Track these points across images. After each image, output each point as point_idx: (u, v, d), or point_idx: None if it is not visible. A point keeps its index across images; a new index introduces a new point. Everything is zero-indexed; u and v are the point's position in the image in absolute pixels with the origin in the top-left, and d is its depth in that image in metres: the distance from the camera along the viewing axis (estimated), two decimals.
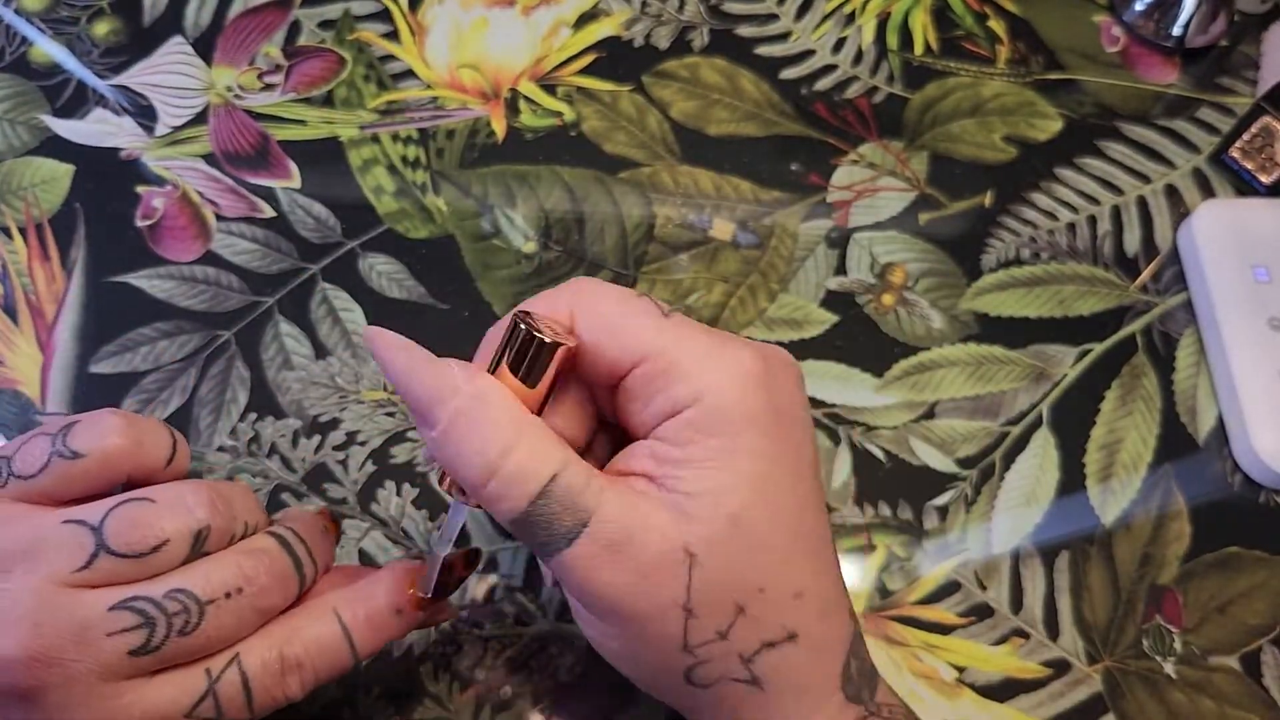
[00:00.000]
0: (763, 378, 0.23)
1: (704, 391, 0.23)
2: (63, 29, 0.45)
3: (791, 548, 0.23)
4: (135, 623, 0.23)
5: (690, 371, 0.23)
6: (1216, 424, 0.39)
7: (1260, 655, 0.35)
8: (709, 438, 0.23)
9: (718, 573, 0.22)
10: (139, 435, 0.26)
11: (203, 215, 0.41)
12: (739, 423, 0.23)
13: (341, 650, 0.25)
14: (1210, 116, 0.46)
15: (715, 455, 0.23)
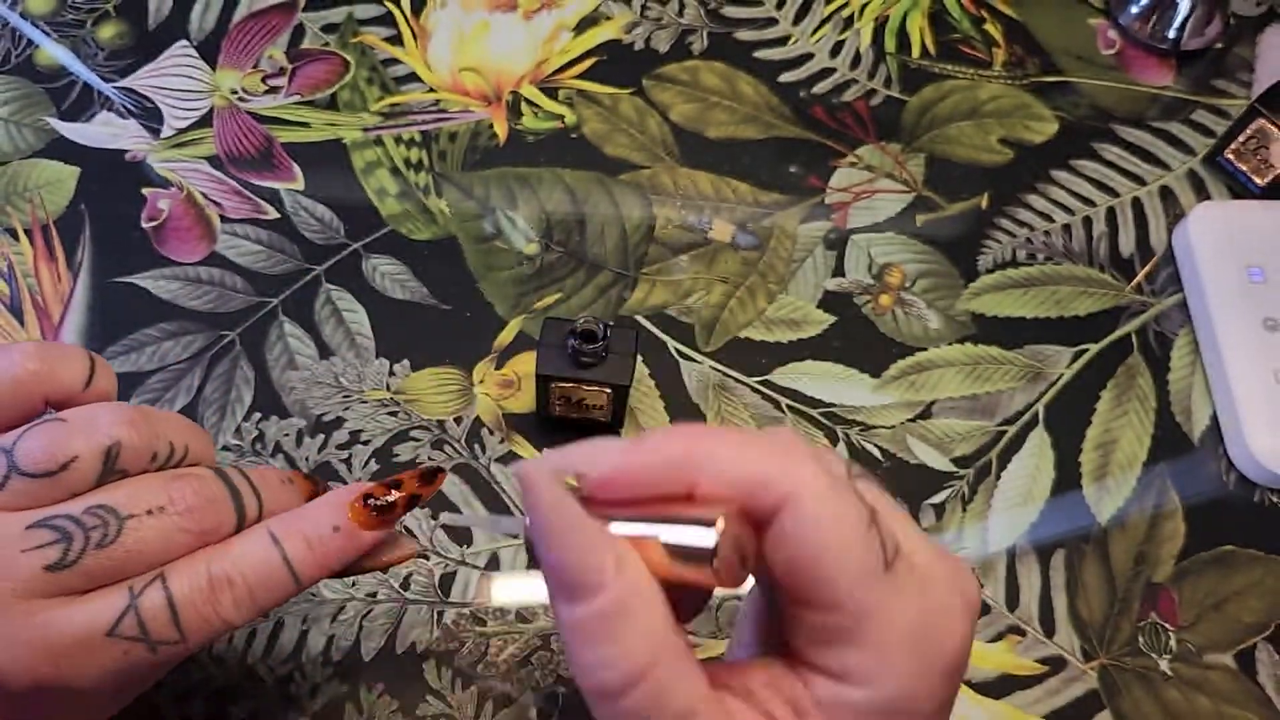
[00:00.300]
0: (953, 675, 0.20)
1: (887, 680, 0.19)
2: (68, 32, 0.46)
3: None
4: (51, 539, 0.22)
5: (880, 652, 0.19)
6: (1211, 423, 0.39)
7: (1255, 653, 0.35)
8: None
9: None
10: (51, 359, 0.25)
11: (207, 217, 0.42)
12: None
13: (276, 568, 0.24)
14: (1205, 119, 0.46)
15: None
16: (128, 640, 0.23)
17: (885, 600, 0.20)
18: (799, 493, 0.20)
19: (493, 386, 0.39)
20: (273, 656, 0.33)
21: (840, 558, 0.19)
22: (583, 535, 0.19)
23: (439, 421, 0.38)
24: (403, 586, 0.35)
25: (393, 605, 0.35)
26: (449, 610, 0.35)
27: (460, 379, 0.39)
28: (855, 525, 0.20)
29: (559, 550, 0.19)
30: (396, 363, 0.39)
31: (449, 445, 0.37)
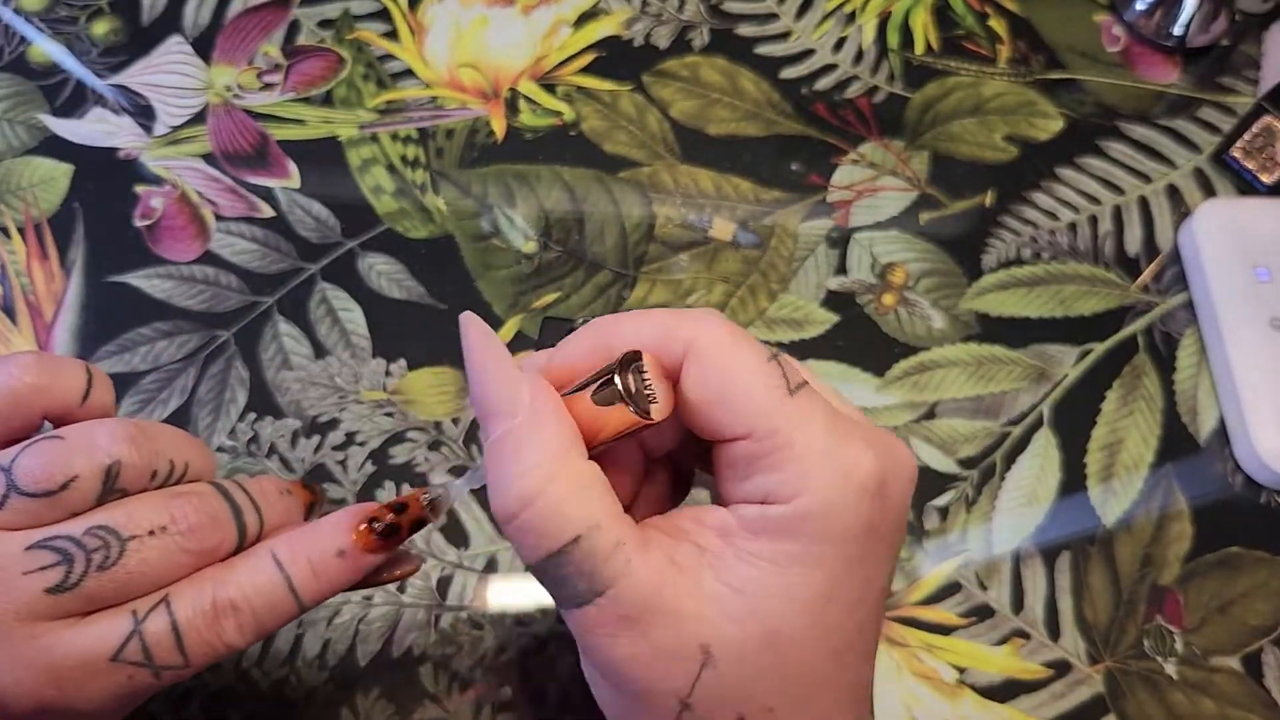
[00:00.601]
0: (874, 491, 0.21)
1: (804, 493, 0.21)
2: (61, 28, 0.45)
3: (826, 677, 0.21)
4: (52, 560, 0.22)
5: (797, 467, 0.21)
6: (1218, 424, 0.39)
7: (1261, 656, 0.35)
8: (786, 540, 0.21)
9: (730, 681, 0.21)
10: (50, 373, 0.25)
11: (202, 215, 0.41)
12: (826, 539, 0.21)
13: (280, 593, 0.24)
14: (1211, 116, 0.46)
15: (783, 562, 0.21)
16: (132, 665, 0.23)
17: (791, 421, 0.21)
18: (698, 338, 0.22)
19: None
20: (268, 661, 0.33)
21: (743, 387, 0.21)
22: (503, 369, 0.22)
23: (436, 423, 0.37)
24: (399, 590, 0.34)
25: (389, 609, 0.34)
26: (446, 614, 0.34)
27: (458, 379, 0.38)
28: (753, 358, 0.22)
29: (483, 382, 0.22)
30: (393, 363, 0.38)
31: (446, 446, 0.37)
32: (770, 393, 0.21)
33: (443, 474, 0.28)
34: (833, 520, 0.21)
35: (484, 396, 0.22)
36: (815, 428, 0.21)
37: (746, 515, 0.21)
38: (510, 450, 0.21)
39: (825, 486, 0.21)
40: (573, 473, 0.21)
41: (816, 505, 0.21)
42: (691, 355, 0.22)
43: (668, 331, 0.22)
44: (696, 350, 0.22)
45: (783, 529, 0.21)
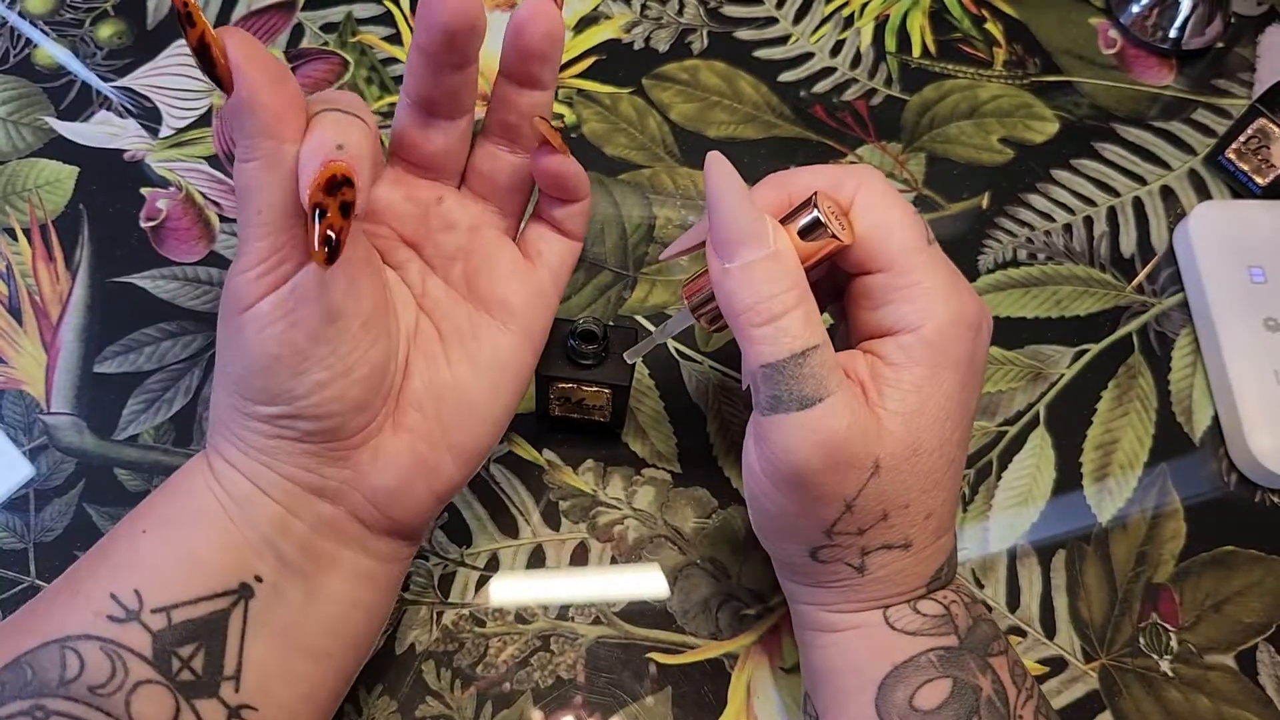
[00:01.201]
0: (977, 329, 0.26)
1: (926, 322, 0.25)
2: (67, 31, 0.46)
3: (940, 479, 0.26)
4: None
5: (925, 300, 0.26)
6: (1212, 424, 0.39)
7: (1256, 653, 0.35)
8: (917, 365, 0.25)
9: (886, 486, 0.25)
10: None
11: (206, 216, 0.42)
12: (944, 361, 0.26)
13: None
14: (1206, 118, 0.46)
15: (918, 383, 0.25)
16: None
17: (926, 264, 0.26)
18: (868, 182, 0.27)
19: None
20: None
21: (897, 225, 0.26)
22: (750, 204, 0.25)
23: None
24: (402, 587, 0.35)
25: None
26: (448, 611, 0.34)
27: None
28: (908, 209, 0.27)
29: (732, 212, 0.25)
30: None
31: None
32: (916, 238, 0.26)
33: None
34: (949, 348, 0.26)
35: (735, 226, 0.25)
36: (942, 273, 0.26)
37: (883, 350, 0.26)
38: (773, 268, 0.25)
39: (944, 319, 0.26)
40: (811, 298, 0.25)
41: (937, 334, 0.26)
42: (861, 196, 0.27)
43: (841, 179, 0.27)
44: (866, 192, 0.27)
45: (913, 355, 0.26)
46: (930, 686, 0.26)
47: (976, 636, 0.27)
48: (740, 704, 0.34)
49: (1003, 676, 0.27)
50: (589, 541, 0.36)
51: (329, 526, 0.27)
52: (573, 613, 0.35)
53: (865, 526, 0.26)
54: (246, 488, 0.27)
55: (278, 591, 0.26)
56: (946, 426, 0.26)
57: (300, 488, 0.27)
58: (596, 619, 0.35)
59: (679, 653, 0.34)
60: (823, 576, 0.28)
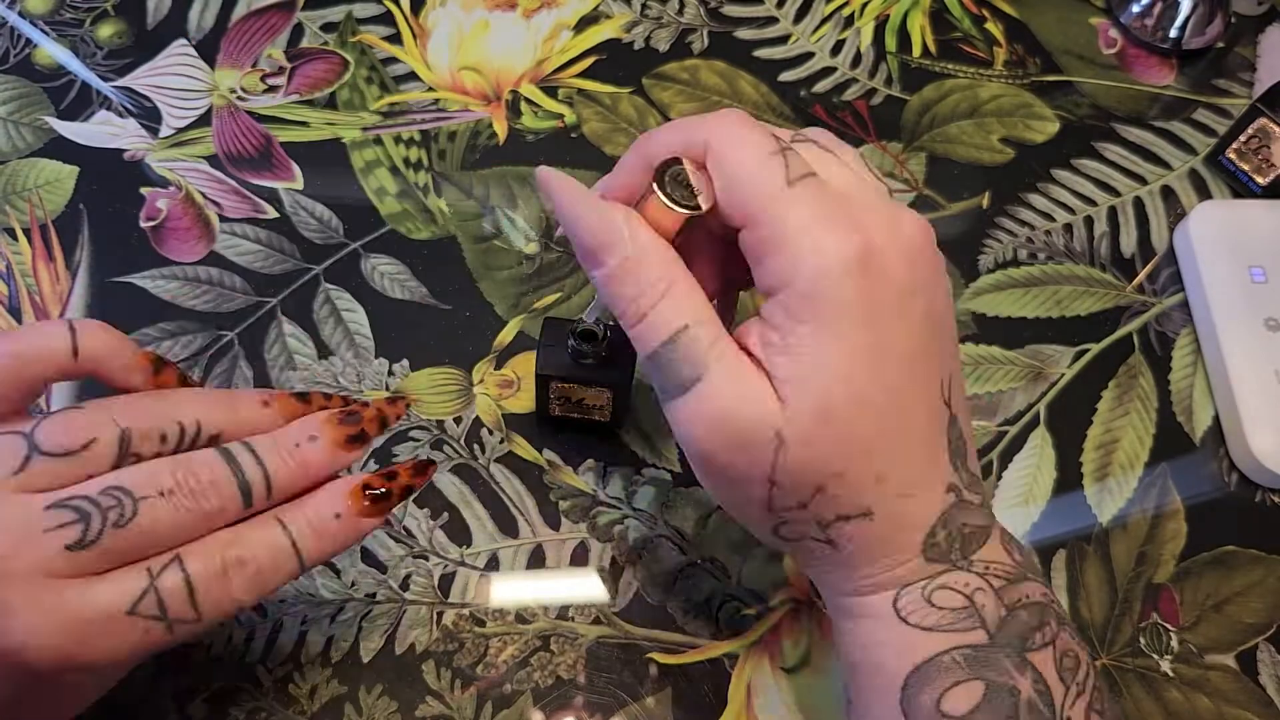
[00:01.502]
0: (863, 263, 0.23)
1: (798, 274, 0.23)
2: (67, 31, 0.46)
3: (875, 438, 0.24)
4: (71, 518, 0.23)
5: (790, 249, 0.23)
6: (1213, 423, 0.39)
7: (1256, 653, 0.35)
8: (800, 323, 0.23)
9: (801, 456, 0.24)
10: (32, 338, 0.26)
11: (206, 216, 0.42)
12: (831, 312, 0.23)
13: (283, 550, 0.26)
14: (1207, 118, 0.46)
15: (805, 342, 0.23)
16: (147, 619, 0.24)
17: (782, 210, 0.24)
18: (711, 138, 0.25)
19: (492, 386, 0.38)
20: (272, 657, 0.33)
21: (749, 174, 0.24)
22: (596, 207, 0.25)
23: (438, 422, 0.38)
24: (402, 587, 0.35)
25: (392, 606, 0.34)
26: (448, 611, 0.34)
27: (459, 379, 0.39)
28: (756, 151, 0.24)
29: (582, 223, 0.25)
30: (396, 363, 0.39)
31: (448, 445, 0.37)
32: (768, 183, 0.24)
33: None
34: (827, 295, 0.23)
35: (588, 236, 0.25)
36: (803, 213, 0.24)
37: (768, 312, 0.24)
38: (632, 272, 0.24)
39: (812, 265, 0.23)
40: (682, 277, 0.25)
41: (808, 284, 0.23)
42: (710, 149, 0.25)
43: (690, 135, 0.25)
44: (712, 146, 0.25)
45: (793, 313, 0.24)
46: (960, 690, 0.24)
47: (1013, 629, 0.25)
48: (740, 704, 0.34)
49: (1047, 674, 0.24)
50: (589, 541, 0.36)
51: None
52: (573, 613, 0.35)
53: (804, 500, 0.24)
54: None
55: None
56: (856, 379, 0.23)
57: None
58: (597, 619, 0.35)
59: (679, 652, 0.34)
60: (808, 557, 0.26)
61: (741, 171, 0.24)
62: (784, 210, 0.24)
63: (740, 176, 0.24)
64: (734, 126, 0.25)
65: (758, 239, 0.24)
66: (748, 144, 0.25)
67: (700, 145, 0.25)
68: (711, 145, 0.25)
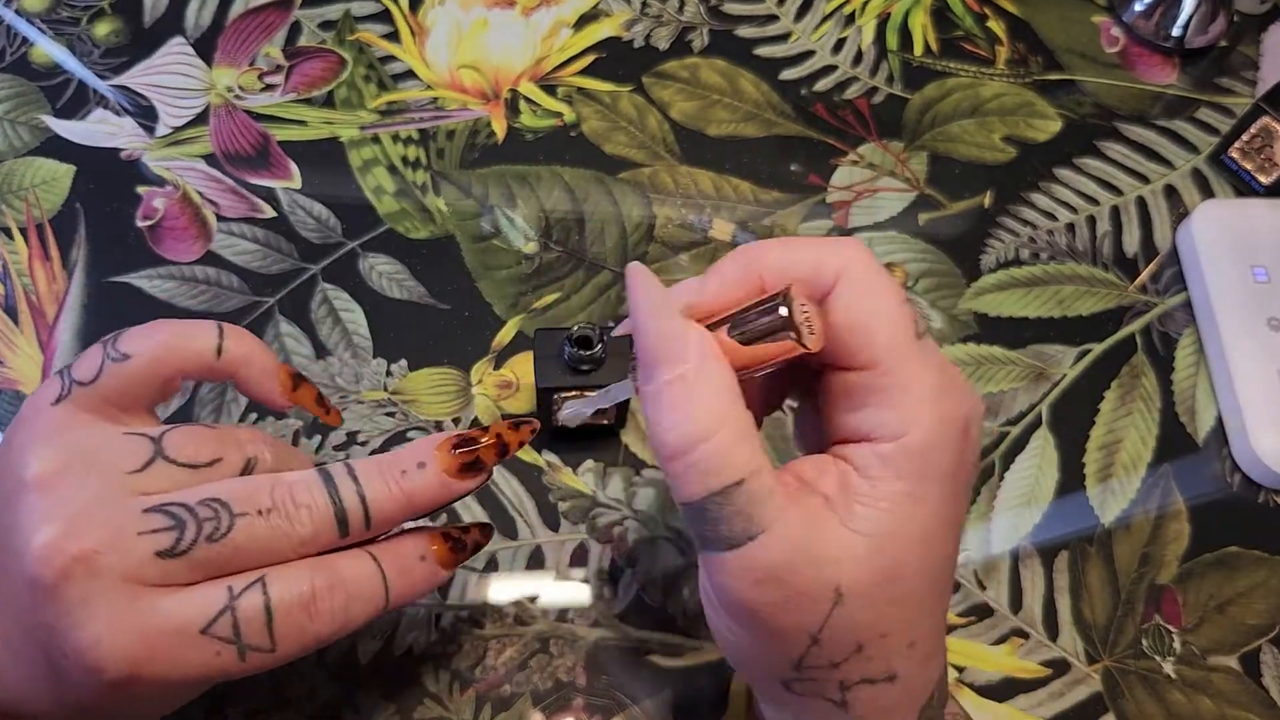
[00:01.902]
0: (966, 432, 0.23)
1: (911, 431, 0.22)
2: (63, 29, 0.46)
3: (924, 603, 0.23)
4: (166, 524, 0.23)
5: (911, 405, 0.22)
6: (1216, 424, 0.39)
7: (1259, 655, 0.35)
8: (898, 480, 0.22)
9: (855, 615, 0.22)
10: (182, 331, 0.27)
11: (203, 215, 0.41)
12: (929, 475, 0.23)
13: (373, 584, 0.25)
14: (1209, 117, 0.46)
15: (897, 501, 0.22)
16: (220, 641, 0.23)
17: (915, 361, 0.23)
18: (850, 266, 0.23)
19: (491, 387, 0.38)
20: None
21: (884, 318, 0.23)
22: (669, 318, 0.23)
23: (437, 423, 0.37)
24: None
25: None
26: (447, 613, 0.34)
27: (458, 379, 0.38)
28: (896, 295, 0.23)
29: (649, 329, 0.23)
30: (394, 363, 0.39)
31: None
32: (904, 332, 0.23)
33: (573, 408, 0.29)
34: (935, 460, 0.23)
35: (653, 343, 0.23)
36: (931, 373, 0.23)
37: (860, 459, 0.23)
38: (683, 394, 0.22)
39: (930, 428, 0.22)
40: (739, 419, 0.22)
41: (922, 444, 0.22)
42: (842, 283, 0.23)
43: (821, 261, 0.24)
44: (847, 279, 0.23)
45: (893, 467, 0.22)
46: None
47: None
48: (741, 706, 0.33)
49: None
50: (588, 543, 0.36)
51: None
52: (572, 614, 0.34)
53: (839, 659, 0.23)
54: None
55: None
56: (931, 546, 0.23)
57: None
58: (596, 621, 0.34)
59: (679, 655, 0.34)
60: (802, 711, 0.25)
61: (880, 313, 0.23)
62: (913, 364, 0.23)
63: (878, 319, 0.23)
64: (869, 263, 0.24)
65: (876, 385, 0.23)
66: (886, 286, 0.23)
67: (829, 274, 0.23)
68: (847, 277, 0.23)
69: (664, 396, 0.22)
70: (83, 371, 0.26)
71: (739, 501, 0.22)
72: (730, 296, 0.24)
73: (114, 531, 0.23)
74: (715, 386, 0.22)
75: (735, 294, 0.24)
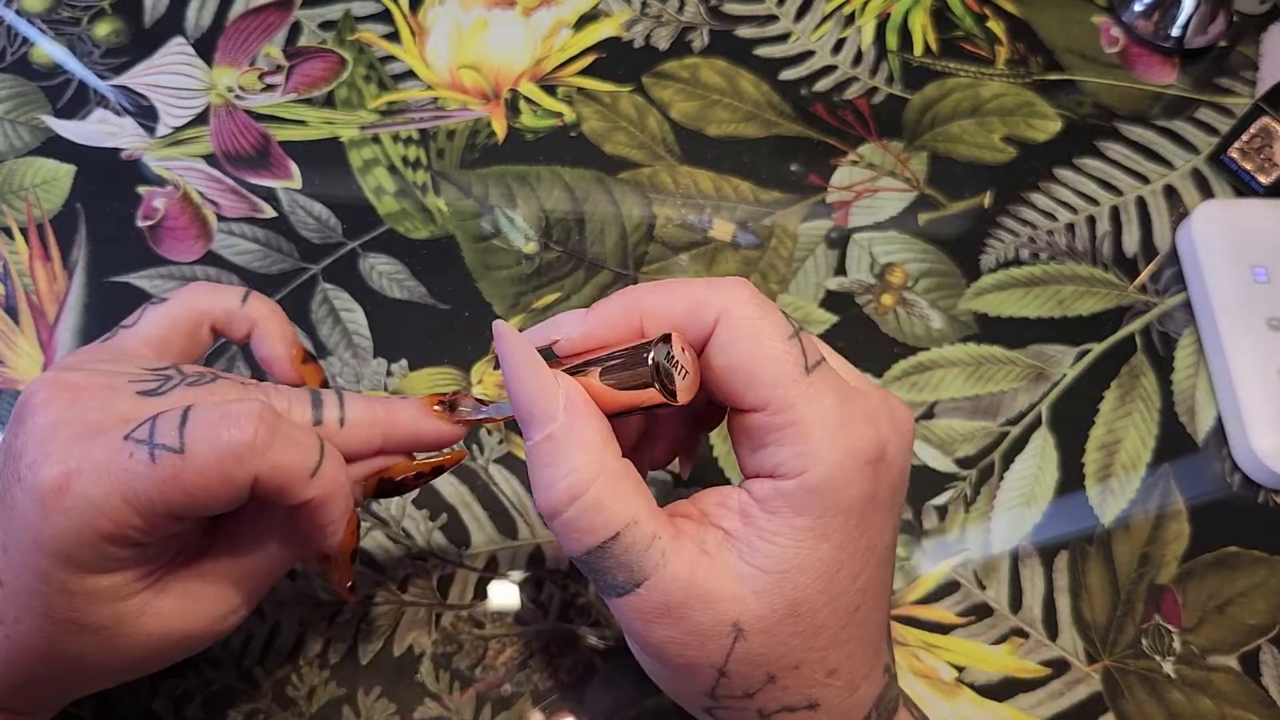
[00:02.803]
0: (874, 465, 0.23)
1: (811, 468, 0.22)
2: (64, 30, 0.46)
3: (837, 634, 0.23)
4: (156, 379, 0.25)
5: (805, 441, 0.22)
6: (1215, 424, 0.39)
7: (1259, 655, 0.35)
8: (798, 516, 0.22)
9: (759, 649, 0.23)
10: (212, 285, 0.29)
11: (204, 215, 0.41)
12: (832, 509, 0.22)
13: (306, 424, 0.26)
14: (1209, 117, 0.46)
15: (798, 537, 0.22)
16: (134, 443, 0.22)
17: (804, 399, 0.22)
18: (729, 308, 0.23)
19: (491, 387, 0.38)
20: (270, 659, 0.33)
21: (765, 359, 0.22)
22: (535, 374, 0.23)
23: None
24: (400, 589, 0.35)
25: (390, 607, 0.34)
26: (447, 613, 0.34)
27: (458, 379, 0.38)
28: (778, 333, 0.23)
29: (520, 390, 0.23)
30: (394, 362, 0.39)
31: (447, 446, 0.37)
32: (788, 370, 0.22)
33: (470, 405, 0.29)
34: (838, 494, 0.22)
35: (522, 402, 0.23)
36: (824, 406, 0.22)
37: (761, 493, 0.23)
38: (552, 453, 0.22)
39: (830, 463, 0.22)
40: (610, 472, 0.22)
41: (822, 480, 0.22)
42: (721, 326, 0.23)
43: (698, 304, 0.23)
44: (726, 322, 0.23)
45: (794, 505, 0.22)
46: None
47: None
48: None
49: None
50: None
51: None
52: (572, 614, 0.34)
53: (752, 690, 0.23)
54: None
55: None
56: (837, 578, 0.22)
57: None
58: (596, 620, 0.34)
59: None
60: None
61: (762, 354, 0.22)
62: (804, 400, 0.22)
63: (759, 359, 0.22)
64: (751, 303, 0.23)
65: (771, 425, 0.22)
66: (768, 324, 0.23)
67: (710, 315, 0.23)
68: (726, 319, 0.23)
69: (537, 456, 0.22)
70: (127, 319, 0.28)
71: (618, 553, 0.22)
72: (607, 336, 0.24)
73: (108, 378, 0.24)
74: (583, 443, 0.22)
75: (613, 335, 0.24)
